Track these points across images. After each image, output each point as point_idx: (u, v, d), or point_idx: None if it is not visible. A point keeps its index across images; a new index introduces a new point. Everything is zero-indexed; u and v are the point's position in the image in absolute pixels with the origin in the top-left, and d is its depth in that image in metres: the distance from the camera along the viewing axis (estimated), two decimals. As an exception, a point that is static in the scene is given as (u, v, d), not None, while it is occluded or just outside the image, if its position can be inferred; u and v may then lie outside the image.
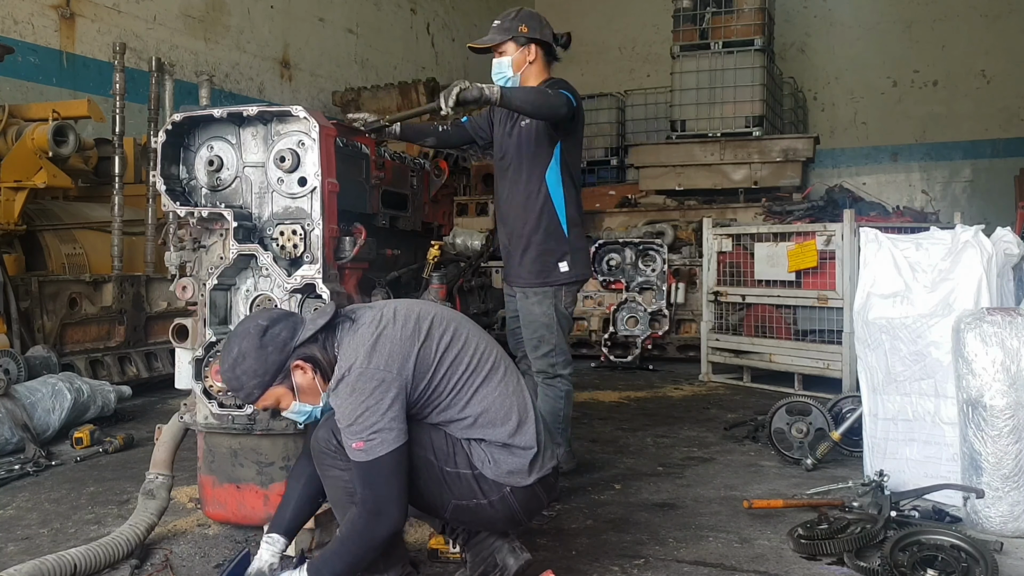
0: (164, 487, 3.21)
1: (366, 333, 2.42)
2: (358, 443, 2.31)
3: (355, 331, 2.44)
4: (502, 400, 2.51)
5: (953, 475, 3.41)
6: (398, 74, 12.31)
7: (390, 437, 2.31)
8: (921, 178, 14.59)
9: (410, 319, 2.47)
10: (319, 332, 2.45)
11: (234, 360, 2.44)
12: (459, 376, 2.47)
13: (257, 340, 2.42)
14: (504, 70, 3.67)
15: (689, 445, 4.82)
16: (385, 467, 2.31)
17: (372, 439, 2.30)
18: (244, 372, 2.43)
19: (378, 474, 2.32)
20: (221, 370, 2.51)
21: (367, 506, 2.33)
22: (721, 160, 10.20)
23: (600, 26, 15.87)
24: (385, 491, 2.32)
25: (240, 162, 3.25)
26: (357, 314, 2.52)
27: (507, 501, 2.51)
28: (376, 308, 2.52)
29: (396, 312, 2.49)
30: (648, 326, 7.72)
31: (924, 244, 3.70)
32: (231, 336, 2.54)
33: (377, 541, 2.35)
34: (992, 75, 13.91)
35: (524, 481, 2.50)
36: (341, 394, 2.36)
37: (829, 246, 6.05)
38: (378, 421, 2.31)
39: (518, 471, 2.50)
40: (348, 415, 2.34)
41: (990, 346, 3.18)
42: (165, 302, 6.59)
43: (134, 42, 8.29)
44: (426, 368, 2.42)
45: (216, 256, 3.23)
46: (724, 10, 10.25)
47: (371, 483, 2.32)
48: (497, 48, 3.66)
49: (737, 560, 3.03)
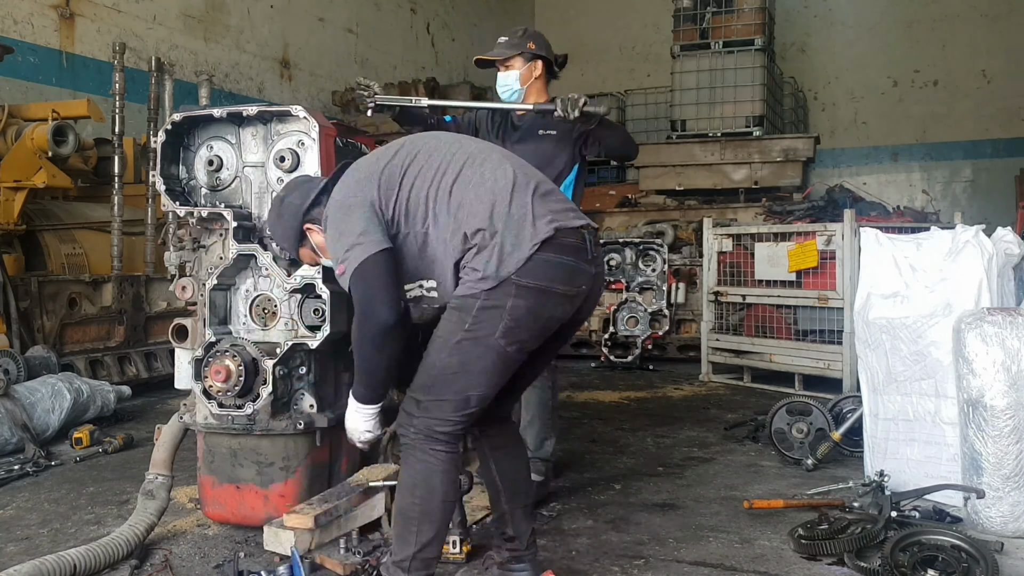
0: (164, 487, 3.21)
1: (351, 170, 2.55)
2: (340, 267, 2.41)
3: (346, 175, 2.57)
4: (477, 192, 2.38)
5: (953, 475, 3.40)
6: (398, 74, 12.31)
7: (362, 248, 2.36)
8: (921, 178, 14.59)
9: (392, 146, 2.56)
10: (322, 193, 2.59)
11: (270, 228, 2.79)
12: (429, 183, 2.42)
13: (276, 211, 2.69)
14: (511, 83, 3.75)
15: (689, 445, 4.82)
16: (364, 274, 2.37)
17: (347, 257, 2.38)
18: (276, 237, 2.77)
19: (358, 283, 2.38)
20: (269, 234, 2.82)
21: (356, 311, 2.41)
22: (721, 160, 10.19)
23: (600, 26, 15.87)
24: (368, 293, 2.37)
25: (240, 162, 3.25)
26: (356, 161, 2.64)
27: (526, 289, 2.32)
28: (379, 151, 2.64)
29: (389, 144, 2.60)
30: (648, 326, 7.72)
31: (924, 244, 3.69)
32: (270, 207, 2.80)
33: (376, 339, 2.38)
34: (992, 75, 13.91)
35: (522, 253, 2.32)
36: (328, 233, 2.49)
37: (829, 246, 6.04)
38: (351, 240, 2.38)
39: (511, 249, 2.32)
40: (330, 248, 2.48)
41: (990, 346, 3.17)
42: (165, 302, 6.58)
43: (134, 42, 8.29)
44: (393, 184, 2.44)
45: (216, 256, 3.23)
46: (724, 10, 10.25)
47: (356, 292, 2.40)
48: (504, 62, 3.73)
49: (737, 560, 3.03)
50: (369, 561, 2.87)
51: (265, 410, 3.06)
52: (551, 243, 2.36)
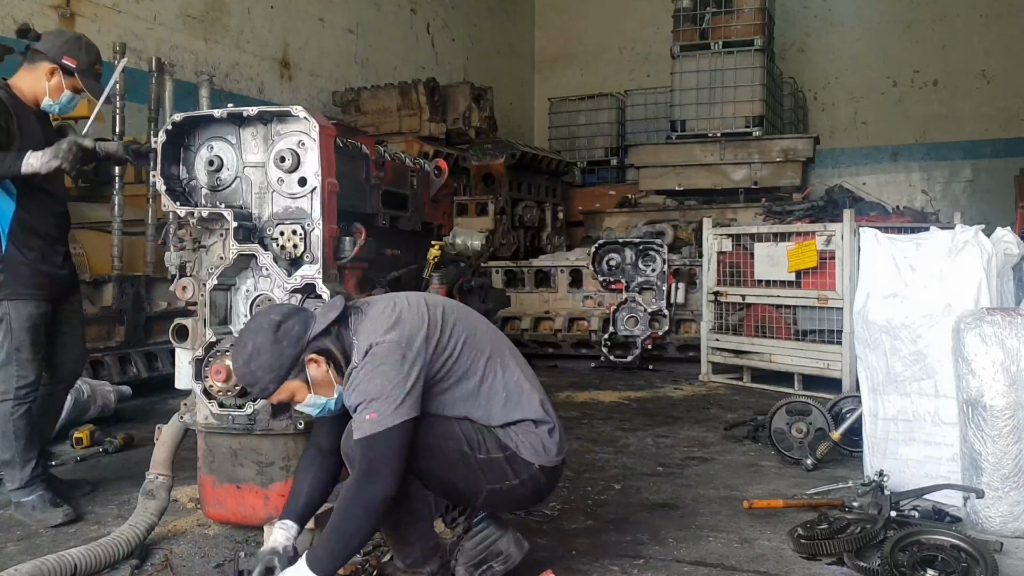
0: (164, 487, 3.21)
1: (384, 316, 2.49)
2: (372, 414, 2.36)
3: (370, 317, 2.51)
4: (520, 382, 2.61)
5: (953, 475, 3.41)
6: (398, 74, 12.29)
7: (403, 410, 2.38)
8: (921, 178, 14.59)
9: (423, 307, 2.55)
10: (331, 325, 2.49)
11: (249, 356, 2.46)
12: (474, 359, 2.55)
13: (271, 335, 2.45)
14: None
15: (689, 445, 4.82)
16: (391, 439, 2.36)
17: (386, 410, 2.35)
18: (259, 367, 2.45)
19: (382, 443, 2.36)
20: (235, 366, 2.53)
21: (362, 468, 2.37)
22: (721, 160, 10.20)
23: (600, 26, 15.86)
24: (385, 457, 2.36)
25: (240, 162, 3.25)
26: (367, 305, 2.58)
27: (536, 478, 2.61)
28: (385, 298, 2.60)
29: (408, 300, 2.57)
30: (648, 326, 7.72)
31: (924, 244, 3.69)
32: (244, 332, 2.56)
33: (370, 505, 2.36)
34: (992, 75, 13.90)
35: (553, 459, 2.61)
36: (366, 368, 2.41)
37: (829, 246, 6.05)
38: (399, 393, 2.38)
39: (547, 446, 2.60)
40: (371, 388, 2.38)
41: (990, 346, 3.18)
42: (165, 302, 6.57)
43: (134, 42, 8.28)
44: (443, 348, 2.50)
45: (216, 256, 3.23)
46: (724, 10, 10.26)
47: (373, 449, 2.36)
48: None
49: (737, 560, 3.04)
50: (369, 561, 2.87)
51: (265, 410, 3.06)
52: None
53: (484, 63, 14.92)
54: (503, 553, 2.67)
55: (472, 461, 2.53)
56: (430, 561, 2.61)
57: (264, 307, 3.02)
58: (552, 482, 2.71)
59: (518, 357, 2.71)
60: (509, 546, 2.68)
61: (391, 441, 2.36)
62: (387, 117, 10.34)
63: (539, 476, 2.61)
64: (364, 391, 2.39)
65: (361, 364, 2.43)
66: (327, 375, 2.50)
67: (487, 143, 10.50)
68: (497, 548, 2.67)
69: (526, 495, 2.65)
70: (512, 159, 10.06)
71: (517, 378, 2.62)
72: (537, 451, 2.59)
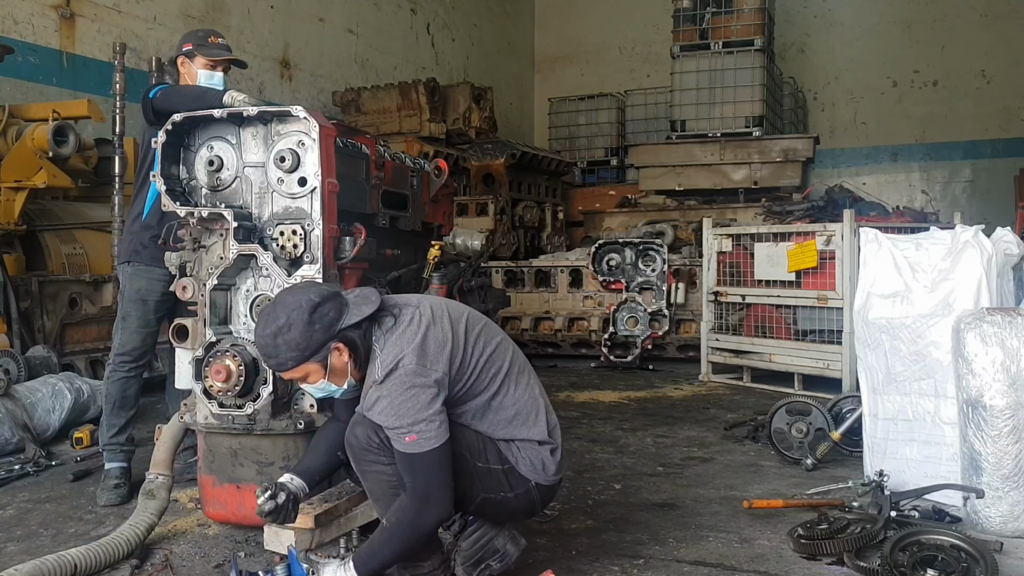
0: (164, 487, 3.21)
1: (411, 331, 2.50)
2: (411, 436, 2.41)
3: (398, 328, 2.52)
4: (531, 400, 2.65)
5: (953, 475, 3.41)
6: (398, 74, 12.29)
7: (441, 430, 2.43)
8: (921, 178, 14.58)
9: (446, 321, 2.57)
10: (364, 320, 2.51)
11: (278, 329, 2.46)
12: (491, 376, 2.60)
13: (307, 315, 2.45)
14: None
15: (689, 445, 4.82)
16: (435, 458, 2.42)
17: (425, 432, 2.40)
18: (285, 343, 2.46)
19: (428, 464, 2.41)
20: (260, 334, 2.53)
21: (418, 493, 2.42)
22: (721, 160, 10.20)
23: (600, 26, 15.86)
24: (436, 479, 2.42)
25: (240, 162, 3.25)
26: (397, 310, 2.58)
27: (531, 494, 2.65)
28: (412, 306, 2.58)
29: (433, 311, 2.57)
30: (648, 326, 7.72)
31: (924, 244, 3.70)
32: (278, 304, 2.54)
33: (427, 528, 2.46)
34: (992, 75, 13.90)
35: (551, 478, 2.67)
36: (392, 389, 2.43)
37: (829, 246, 6.05)
38: (430, 415, 2.42)
39: (547, 465, 2.65)
40: (401, 411, 2.42)
41: (990, 346, 3.18)
42: (165, 302, 6.58)
43: (134, 42, 8.28)
44: (465, 368, 2.54)
45: (216, 256, 3.23)
46: (724, 10, 10.26)
47: (422, 472, 2.41)
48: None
49: (737, 560, 3.04)
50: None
51: (265, 410, 3.06)
52: None
53: (484, 63, 14.91)
54: (500, 551, 2.69)
55: (470, 467, 2.57)
56: (431, 557, 2.65)
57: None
58: (546, 500, 2.76)
59: (532, 375, 2.74)
60: (505, 543, 2.70)
61: (440, 464, 2.43)
62: (387, 117, 10.34)
63: (534, 493, 2.66)
64: (398, 414, 2.42)
65: (385, 379, 2.44)
66: (345, 365, 2.53)
67: (487, 143, 10.49)
68: (493, 546, 2.70)
69: (519, 509, 2.70)
70: (512, 159, 10.05)
71: (527, 398, 2.66)
72: (536, 469, 2.64)
